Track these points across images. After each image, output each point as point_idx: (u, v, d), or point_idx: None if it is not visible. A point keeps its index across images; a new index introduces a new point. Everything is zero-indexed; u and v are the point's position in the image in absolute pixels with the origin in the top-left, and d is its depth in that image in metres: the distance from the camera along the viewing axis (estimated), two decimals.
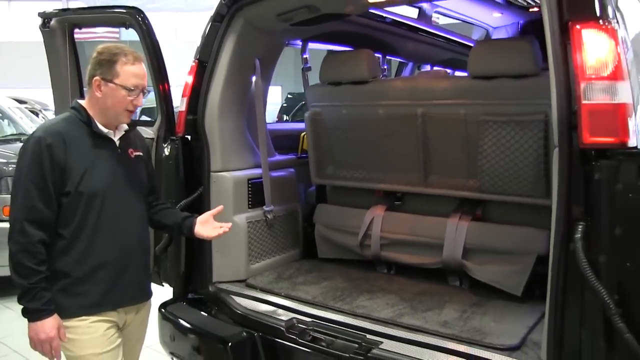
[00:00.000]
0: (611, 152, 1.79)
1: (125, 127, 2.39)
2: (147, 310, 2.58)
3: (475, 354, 2.23)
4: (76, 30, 3.63)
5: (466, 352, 2.26)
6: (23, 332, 2.22)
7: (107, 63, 2.23)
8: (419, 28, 4.50)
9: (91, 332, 2.26)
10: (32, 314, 2.16)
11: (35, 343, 2.19)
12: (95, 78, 2.23)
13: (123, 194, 2.33)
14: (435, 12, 4.45)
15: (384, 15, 4.06)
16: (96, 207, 2.24)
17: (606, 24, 1.83)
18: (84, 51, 3.79)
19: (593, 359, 1.82)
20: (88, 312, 2.26)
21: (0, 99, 8.37)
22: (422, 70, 5.56)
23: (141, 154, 2.49)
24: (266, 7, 3.06)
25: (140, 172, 2.47)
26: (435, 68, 5.52)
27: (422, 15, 4.42)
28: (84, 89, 2.25)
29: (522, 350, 2.25)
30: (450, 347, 2.30)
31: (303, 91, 3.83)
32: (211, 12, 3.16)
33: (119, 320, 2.37)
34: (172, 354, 3.00)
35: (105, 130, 2.29)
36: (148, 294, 2.55)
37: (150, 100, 3.15)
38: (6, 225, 6.03)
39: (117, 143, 2.35)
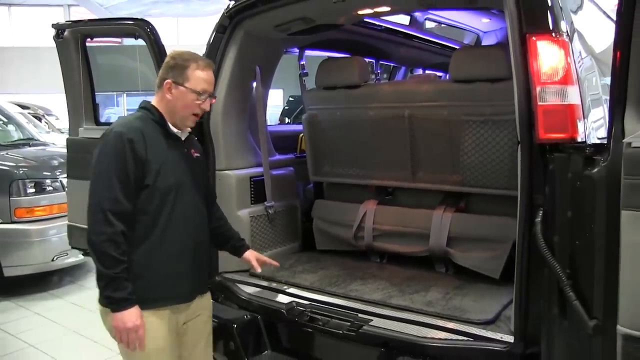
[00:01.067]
0: (563, 146, 2.04)
1: (188, 129, 2.48)
2: (208, 309, 2.65)
3: (454, 328, 2.48)
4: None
5: (446, 326, 2.51)
6: (38, 328, 2.18)
7: (180, 68, 2.32)
8: (411, 34, 4.70)
9: (155, 326, 2.29)
10: (118, 304, 2.17)
11: (121, 332, 2.19)
12: (166, 81, 2.33)
13: (190, 191, 2.40)
14: (426, 19, 4.62)
15: (377, 23, 4.26)
16: (169, 202, 2.30)
17: (558, 36, 2.09)
18: (95, 57, 4.01)
19: (549, 326, 2.08)
20: (152, 305, 2.29)
21: (5, 105, 8.45)
22: (415, 73, 5.78)
23: (199, 155, 2.58)
24: (265, 19, 3.28)
25: (201, 172, 2.56)
26: (427, 72, 5.75)
27: (414, 22, 4.62)
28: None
29: (495, 324, 2.49)
30: (432, 323, 2.55)
31: None
32: (211, 18, 3.36)
33: (180, 315, 2.42)
34: None
35: (175, 130, 2.39)
36: (207, 289, 2.63)
37: None
38: (19, 226, 6.16)
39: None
